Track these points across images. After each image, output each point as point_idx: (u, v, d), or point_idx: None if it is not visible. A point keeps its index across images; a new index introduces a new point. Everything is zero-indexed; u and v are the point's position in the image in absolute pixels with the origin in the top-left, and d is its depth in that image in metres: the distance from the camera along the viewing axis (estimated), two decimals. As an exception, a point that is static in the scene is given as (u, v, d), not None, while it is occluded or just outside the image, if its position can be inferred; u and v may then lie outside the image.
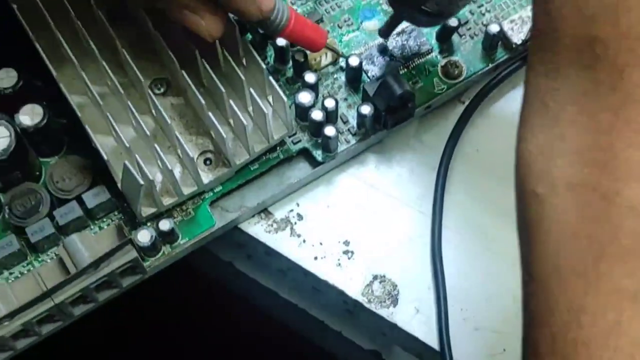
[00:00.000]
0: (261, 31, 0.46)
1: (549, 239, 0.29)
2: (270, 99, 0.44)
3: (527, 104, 0.30)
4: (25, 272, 0.44)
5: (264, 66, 0.43)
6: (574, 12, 0.28)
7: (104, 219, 0.45)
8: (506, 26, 0.47)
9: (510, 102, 0.48)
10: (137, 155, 0.42)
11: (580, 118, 0.28)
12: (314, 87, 0.45)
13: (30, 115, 0.44)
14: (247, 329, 0.68)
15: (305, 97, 0.45)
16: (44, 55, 0.44)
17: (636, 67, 0.27)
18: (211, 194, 0.45)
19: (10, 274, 0.44)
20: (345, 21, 0.48)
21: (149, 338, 0.75)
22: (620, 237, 0.27)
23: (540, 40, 0.30)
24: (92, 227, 0.44)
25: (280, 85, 0.46)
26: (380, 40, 0.47)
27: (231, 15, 0.42)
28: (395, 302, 0.45)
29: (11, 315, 0.40)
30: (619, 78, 0.27)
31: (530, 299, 0.29)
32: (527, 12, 0.47)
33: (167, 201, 0.44)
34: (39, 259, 0.44)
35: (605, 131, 0.28)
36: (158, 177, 0.44)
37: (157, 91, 0.46)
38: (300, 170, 0.46)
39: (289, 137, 0.45)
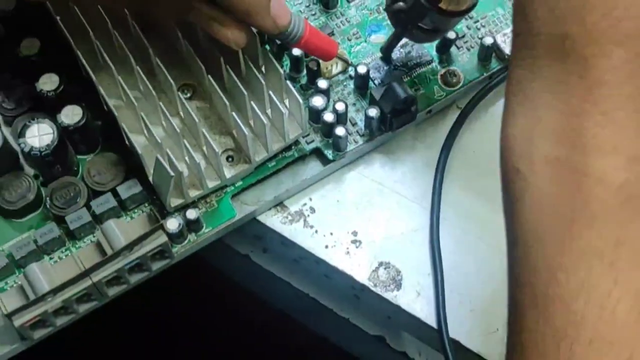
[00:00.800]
0: (278, 42, 0.51)
1: (530, 208, 0.33)
2: (287, 102, 0.49)
3: (509, 94, 0.35)
4: (64, 257, 0.48)
5: (282, 71, 0.48)
6: (546, 14, 0.33)
7: (135, 210, 0.49)
8: (499, 39, 0.51)
9: (501, 107, 0.52)
10: (167, 151, 0.46)
11: (554, 103, 0.33)
12: (326, 92, 0.50)
13: (70, 115, 0.49)
14: (258, 320, 0.72)
15: (318, 101, 0.49)
16: (84, 62, 0.49)
17: (600, 57, 0.32)
18: (232, 188, 0.49)
19: (50, 258, 0.48)
20: (354, 34, 0.53)
21: (164, 331, 0.79)
22: (589, 204, 0.31)
23: (519, 39, 0.34)
24: (124, 216, 0.49)
25: (295, 91, 0.50)
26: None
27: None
28: (398, 286, 0.49)
29: (53, 292, 0.45)
30: (586, 67, 0.32)
31: (515, 262, 0.34)
32: (518, 26, 0.52)
33: (193, 193, 0.48)
34: (77, 245, 0.48)
35: (576, 114, 0.32)
36: (185, 172, 0.48)
37: (183, 96, 0.50)
38: (313, 167, 0.51)
39: (303, 137, 0.50)
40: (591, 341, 0.31)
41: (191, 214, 0.48)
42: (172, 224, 0.47)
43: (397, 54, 0.52)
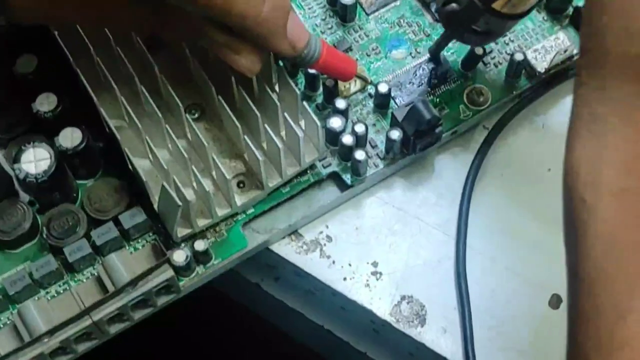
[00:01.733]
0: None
1: (595, 242, 0.30)
2: (302, 123, 0.46)
3: (576, 116, 0.32)
4: (62, 291, 0.45)
5: (297, 91, 0.45)
6: (620, 30, 0.30)
7: (139, 240, 0.46)
8: (530, 55, 0.48)
9: (532, 128, 0.49)
10: (174, 177, 0.43)
11: (624, 129, 0.30)
12: (344, 113, 0.46)
13: (69, 139, 0.45)
14: (271, 349, 0.69)
15: (336, 122, 0.46)
16: (84, 80, 0.45)
17: None
18: (244, 215, 0.46)
19: (47, 292, 0.45)
20: (373, 49, 0.49)
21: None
22: None
23: (588, 57, 0.32)
24: (127, 247, 0.46)
25: (311, 111, 0.47)
26: (406, 67, 0.49)
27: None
28: (423, 322, 0.46)
29: (50, 332, 0.41)
30: None
31: (577, 298, 0.31)
32: (550, 42, 0.48)
33: (202, 222, 0.45)
34: (75, 279, 0.45)
35: None
36: (193, 199, 0.45)
37: (191, 117, 0.47)
38: (330, 193, 0.47)
39: (319, 161, 0.47)
40: None
41: (199, 245, 0.44)
42: (179, 256, 0.44)
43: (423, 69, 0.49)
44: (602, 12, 0.31)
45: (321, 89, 0.48)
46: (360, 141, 0.46)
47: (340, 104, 0.46)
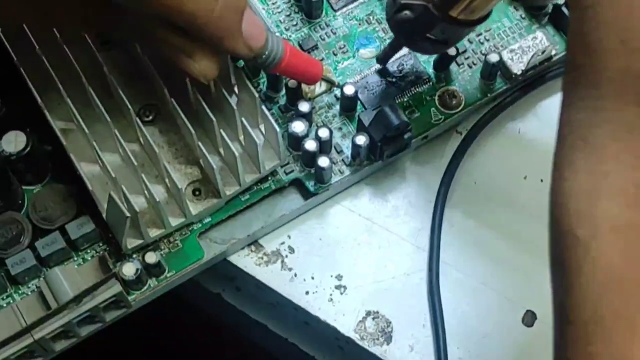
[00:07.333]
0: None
1: (591, 283, 0.27)
2: (262, 128, 0.43)
3: (565, 141, 0.29)
4: (5, 305, 0.42)
5: (256, 95, 0.42)
6: (617, 45, 0.27)
7: (88, 250, 0.43)
8: (505, 56, 0.45)
9: (508, 133, 0.47)
10: (122, 186, 0.40)
11: (624, 156, 0.27)
12: (307, 116, 0.44)
13: (13, 143, 0.42)
14: (232, 355, 0.67)
15: (298, 127, 0.43)
16: (27, 80, 0.42)
17: None
18: (200, 225, 0.43)
19: (-11, 306, 0.42)
20: (340, 48, 0.47)
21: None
22: None
23: (578, 74, 0.28)
24: (75, 258, 0.43)
25: (272, 114, 0.44)
26: (376, 67, 0.46)
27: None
28: (388, 339, 0.43)
29: (-11, 351, 0.39)
30: None
31: (568, 344, 0.28)
32: (528, 41, 0.46)
33: (154, 233, 0.42)
34: (20, 292, 0.42)
35: None
36: (144, 208, 0.42)
37: (145, 118, 0.44)
38: (292, 201, 0.44)
39: (281, 167, 0.44)
40: None
41: (150, 257, 0.41)
42: (129, 269, 0.41)
43: (391, 68, 0.46)
44: (596, 24, 0.28)
45: (284, 90, 0.45)
46: (324, 147, 0.43)
47: (304, 107, 0.44)
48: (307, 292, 0.44)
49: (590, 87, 0.28)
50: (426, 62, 0.46)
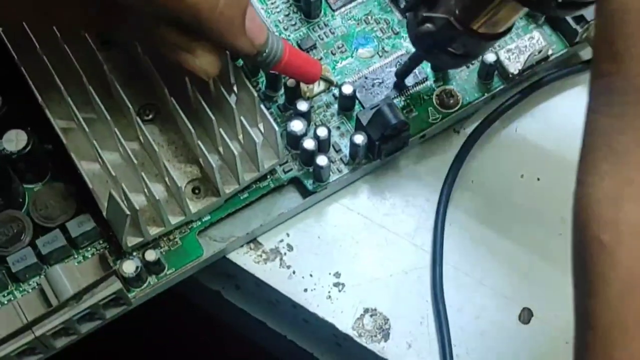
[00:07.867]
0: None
1: (613, 288, 0.27)
2: (261, 127, 0.43)
3: (590, 147, 0.29)
4: (6, 302, 0.42)
5: (255, 94, 0.42)
6: None
7: (88, 248, 0.43)
8: (503, 55, 0.46)
9: (505, 133, 0.47)
10: (123, 184, 0.41)
11: None
12: (306, 116, 0.44)
13: (14, 141, 0.43)
14: (235, 358, 0.67)
15: (297, 126, 0.43)
16: (29, 79, 0.43)
17: None
18: (199, 223, 0.44)
19: (-10, 303, 0.42)
20: (338, 48, 0.47)
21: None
22: None
23: (604, 81, 0.28)
24: (75, 255, 0.43)
25: (271, 113, 0.45)
26: (373, 67, 0.46)
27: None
28: (386, 336, 0.43)
29: (-10, 348, 0.39)
30: None
31: (589, 349, 0.28)
32: (525, 41, 0.46)
33: (154, 231, 0.42)
34: (21, 289, 0.43)
35: None
36: (144, 206, 0.42)
37: (145, 117, 0.44)
38: (291, 199, 0.45)
39: (280, 165, 0.44)
40: None
41: (150, 255, 0.42)
42: (129, 267, 0.41)
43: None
44: (625, 33, 0.27)
45: (283, 89, 0.45)
46: (323, 145, 0.44)
47: (302, 106, 0.44)
48: (305, 290, 0.44)
49: (617, 93, 0.28)
50: (424, 62, 0.46)
